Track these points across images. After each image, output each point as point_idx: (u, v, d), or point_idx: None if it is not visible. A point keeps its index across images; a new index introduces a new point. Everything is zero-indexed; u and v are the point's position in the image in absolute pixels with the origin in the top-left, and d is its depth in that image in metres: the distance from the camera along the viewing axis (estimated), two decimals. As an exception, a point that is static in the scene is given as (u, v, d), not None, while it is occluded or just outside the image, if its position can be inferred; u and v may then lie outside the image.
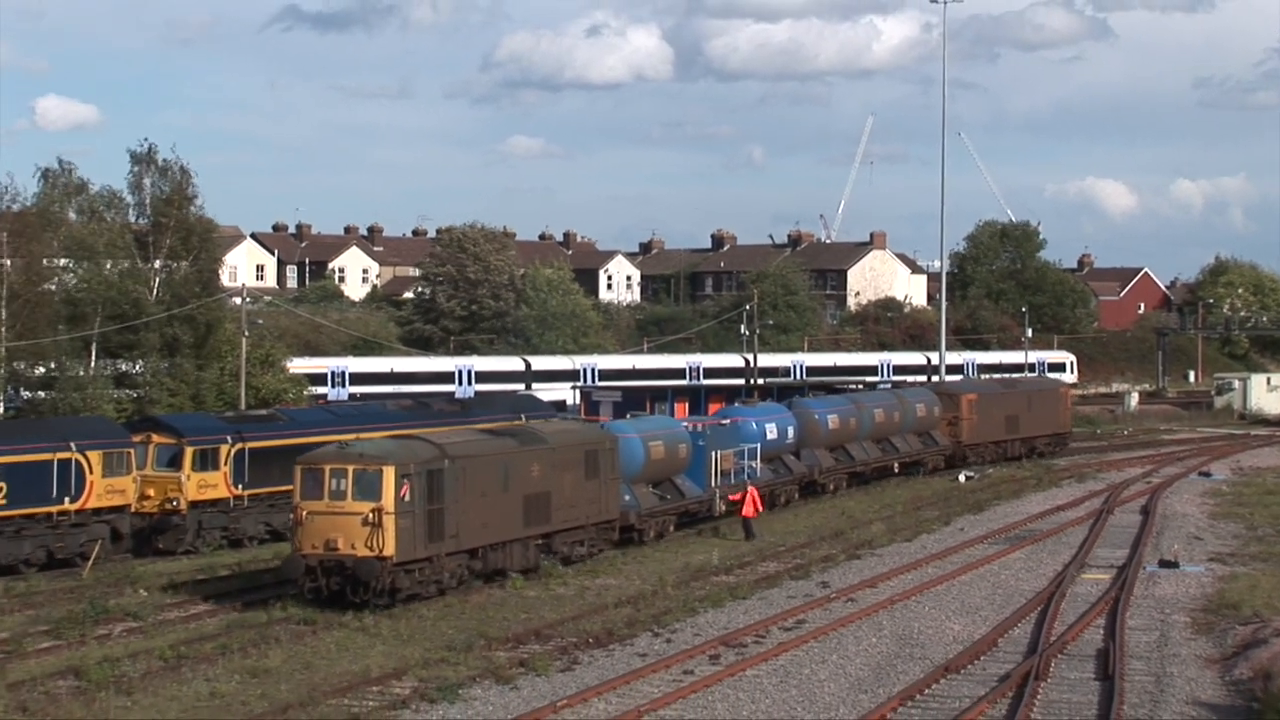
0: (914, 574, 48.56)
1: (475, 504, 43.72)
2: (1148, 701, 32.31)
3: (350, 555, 40.66)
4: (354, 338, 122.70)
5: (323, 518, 41.10)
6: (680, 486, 56.22)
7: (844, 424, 69.44)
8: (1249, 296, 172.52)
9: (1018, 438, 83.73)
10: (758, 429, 62.48)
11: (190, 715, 31.29)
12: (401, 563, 40.99)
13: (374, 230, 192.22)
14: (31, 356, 73.72)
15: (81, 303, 77.98)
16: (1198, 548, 54.12)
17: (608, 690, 33.07)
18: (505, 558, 45.60)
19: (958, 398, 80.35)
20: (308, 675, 34.79)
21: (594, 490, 49.59)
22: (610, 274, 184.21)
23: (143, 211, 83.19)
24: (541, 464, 47.06)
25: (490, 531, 44.63)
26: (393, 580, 40.90)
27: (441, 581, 42.89)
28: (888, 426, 73.75)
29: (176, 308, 79.14)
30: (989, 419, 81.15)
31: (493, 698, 32.75)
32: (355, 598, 40.68)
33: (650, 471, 54.31)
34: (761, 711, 31.61)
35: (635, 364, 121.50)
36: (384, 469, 41.01)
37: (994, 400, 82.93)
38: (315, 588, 41.10)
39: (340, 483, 41.24)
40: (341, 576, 40.88)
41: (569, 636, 38.65)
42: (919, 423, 76.81)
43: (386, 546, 40.52)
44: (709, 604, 43.20)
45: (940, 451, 78.39)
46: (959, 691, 33.20)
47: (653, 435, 54.91)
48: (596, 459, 49.80)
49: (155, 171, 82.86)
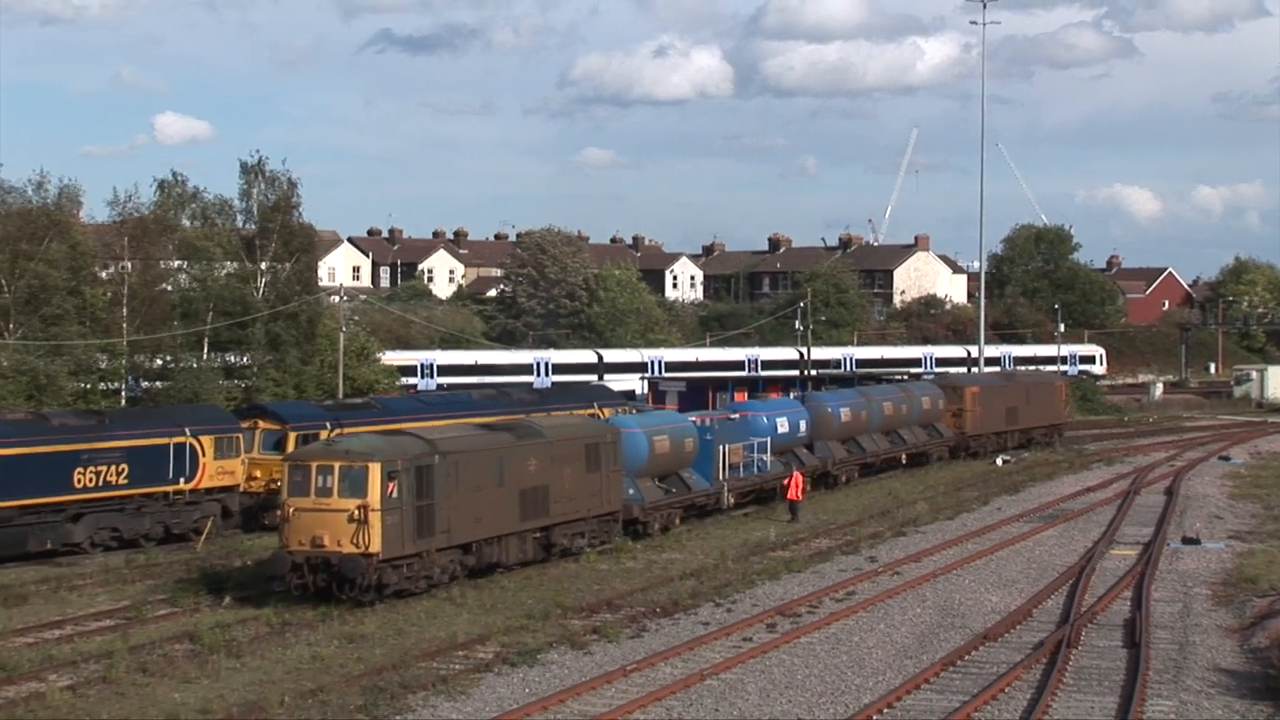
0: (955, 550, 48.46)
1: (468, 499, 40.57)
2: (1171, 668, 32.16)
3: (336, 552, 37.57)
4: (441, 333, 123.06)
5: (309, 514, 37.99)
6: (687, 480, 52.97)
7: (855, 417, 66.48)
8: (1266, 294, 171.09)
9: (1017, 428, 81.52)
10: (768, 423, 59.35)
11: (293, 676, 31.50)
12: (388, 559, 37.88)
13: (459, 234, 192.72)
14: (149, 350, 74.26)
15: (194, 301, 78.44)
16: (1218, 526, 53.83)
17: (673, 655, 33.14)
18: (500, 552, 42.51)
19: (961, 391, 77.57)
20: (400, 640, 34.98)
21: (595, 484, 46.41)
22: (675, 274, 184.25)
23: (250, 218, 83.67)
24: (539, 458, 43.86)
25: (484, 526, 41.48)
26: (379, 576, 37.73)
27: (431, 577, 39.71)
28: (896, 419, 70.73)
29: (280, 306, 79.55)
30: (991, 411, 78.75)
31: (568, 662, 32.84)
32: (341, 594, 37.64)
33: (655, 465, 51.09)
34: (814, 676, 31.61)
35: (698, 357, 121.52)
36: (369, 466, 37.87)
37: (995, 393, 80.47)
38: (302, 584, 37.94)
39: (327, 479, 38.08)
40: (328, 573, 37.78)
41: (638, 606, 38.73)
42: (925, 415, 73.96)
43: (372, 543, 37.45)
44: (766, 577, 43.21)
45: (945, 443, 75.61)
46: (996, 658, 33.13)
47: (657, 430, 51.83)
48: (598, 453, 46.57)
49: (264, 181, 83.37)
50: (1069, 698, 29.74)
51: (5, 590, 40.56)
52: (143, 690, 30.30)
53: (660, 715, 28.49)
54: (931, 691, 30.36)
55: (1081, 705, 29.20)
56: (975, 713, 28.54)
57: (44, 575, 43.67)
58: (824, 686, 30.76)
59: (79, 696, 29.71)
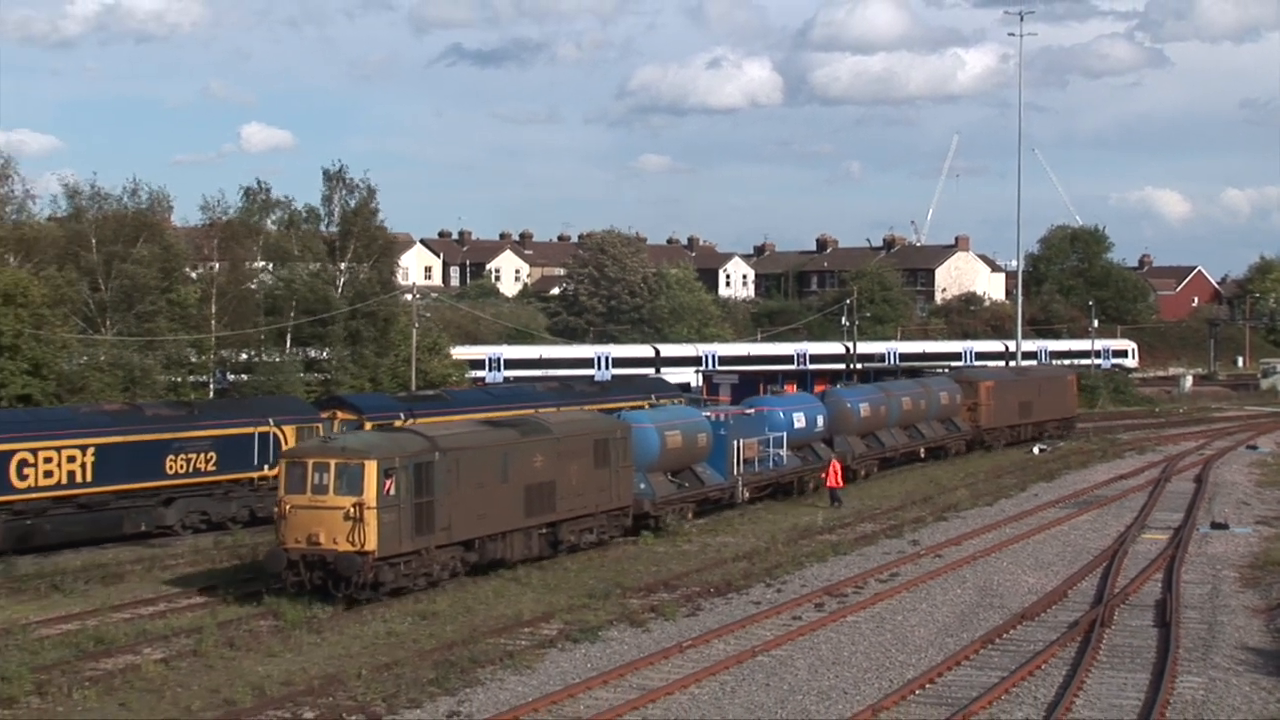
0: (994, 533, 48.22)
1: (470, 496, 38.02)
2: (1201, 646, 31.92)
3: (332, 550, 35.04)
4: (508, 329, 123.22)
5: (306, 512, 35.35)
6: (700, 474, 50.13)
7: (875, 412, 63.95)
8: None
9: (1030, 422, 79.42)
10: (784, 418, 56.23)
11: (370, 651, 31.64)
12: (384, 557, 35.35)
13: (525, 236, 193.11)
14: (236, 345, 74.79)
15: (278, 299, 78.92)
16: (1245, 512, 53.42)
17: (726, 633, 33.12)
18: (505, 548, 39.91)
19: (976, 385, 75.07)
20: (469, 618, 35.08)
21: (604, 479, 43.77)
22: (729, 273, 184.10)
23: (332, 221, 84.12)
24: (546, 454, 41.11)
25: (487, 523, 38.91)
26: (375, 574, 35.24)
27: (431, 574, 37.24)
28: (914, 414, 68.12)
29: (358, 304, 79.91)
30: (1005, 405, 76.57)
31: (627, 638, 32.85)
32: (337, 592, 35.20)
33: (667, 460, 48.41)
34: (860, 653, 31.52)
35: (750, 351, 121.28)
36: (366, 463, 35.17)
37: (1009, 387, 78.39)
38: (298, 582, 35.47)
39: (323, 477, 35.38)
40: (324, 571, 35.29)
41: (693, 586, 38.69)
42: (942, 410, 71.22)
43: (368, 541, 34.89)
44: (814, 559, 43.11)
45: (962, 436, 72.82)
46: (1033, 636, 32.97)
47: (669, 425, 49.02)
48: (607, 448, 43.92)
49: (344, 188, 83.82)
50: (1102, 674, 29.57)
51: (104, 569, 40.90)
52: (230, 663, 30.51)
53: (714, 689, 28.45)
54: (971, 668, 30.25)
55: (1114, 682, 29.01)
56: (1013, 688, 28.41)
57: (139, 555, 44.01)
58: (869, 663, 30.67)
59: (171, 668, 29.94)
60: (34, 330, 60.62)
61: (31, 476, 44.20)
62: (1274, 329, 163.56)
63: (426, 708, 27.10)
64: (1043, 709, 27.00)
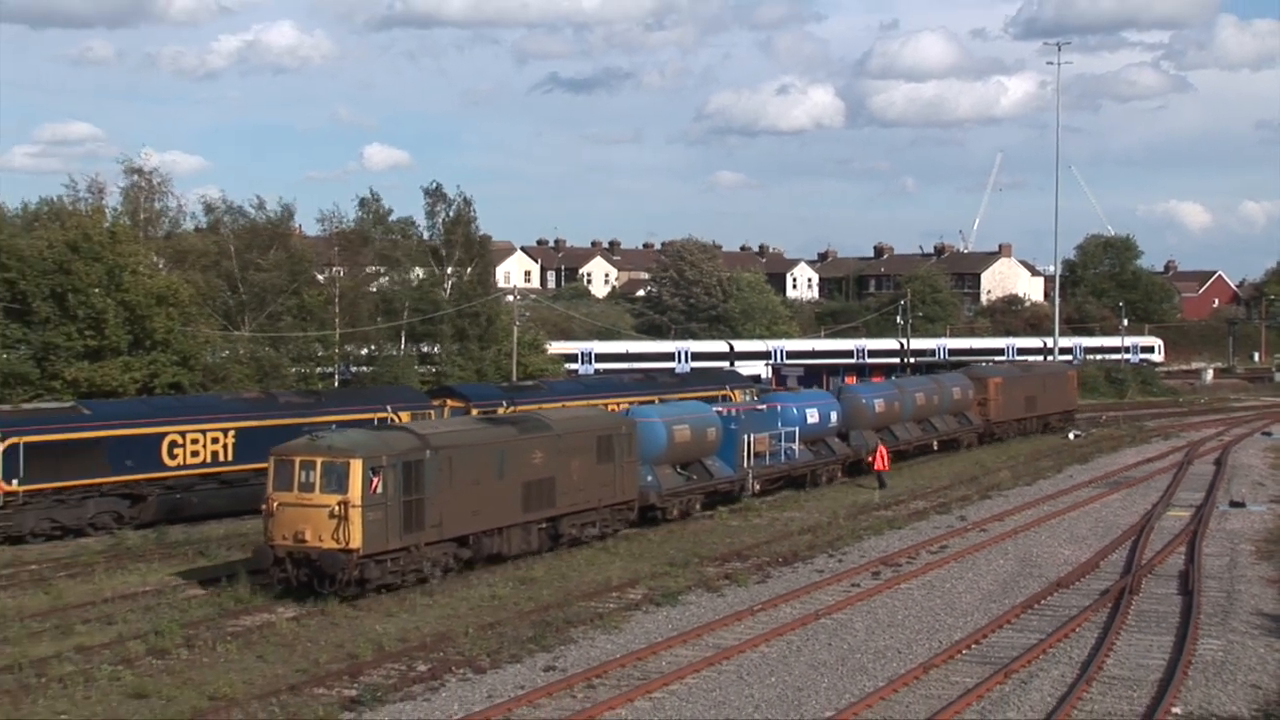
0: (1033, 510, 47.96)
1: (463, 493, 34.67)
2: (1220, 612, 31.68)
3: (317, 547, 31.89)
4: (598, 326, 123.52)
5: (292, 509, 32.21)
6: (710, 467, 46.93)
7: (889, 408, 60.15)
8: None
9: (1035, 415, 76.17)
10: (798, 414, 52.81)
11: (476, 612, 31.92)
12: (370, 554, 32.12)
13: (613, 244, 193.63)
14: (356, 341, 75.54)
15: (393, 300, 79.68)
16: (1261, 492, 52.84)
17: (792, 598, 33.19)
18: (502, 543, 36.53)
19: (986, 381, 71.31)
20: (563, 583, 35.23)
21: (608, 473, 40.30)
22: (795, 277, 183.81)
23: (436, 232, 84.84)
24: (545, 451, 37.62)
25: (482, 519, 35.60)
26: (360, 572, 32.07)
27: (421, 570, 33.82)
28: (927, 408, 64.27)
29: (464, 304, 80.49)
30: (1012, 399, 73.44)
31: (704, 602, 32.97)
32: (322, 589, 31.99)
33: (675, 454, 45.17)
34: (913, 616, 31.53)
35: (814, 346, 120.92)
36: (351, 462, 31.90)
37: (1016, 383, 74.90)
38: (284, 578, 32.40)
39: (309, 475, 32.19)
40: (309, 568, 32.15)
41: (763, 556, 38.76)
42: (955, 404, 67.43)
43: (353, 539, 31.70)
44: (871, 532, 43.05)
45: (974, 429, 68.97)
46: (1069, 603, 32.83)
47: (678, 420, 45.55)
48: (611, 444, 40.39)
49: (444, 202, 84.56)
50: (1131, 637, 29.43)
51: (243, 538, 41.38)
52: (353, 621, 30.89)
53: (781, 648, 28.56)
54: (1012, 630, 30.18)
55: (1141, 644, 28.87)
56: (1050, 648, 28.34)
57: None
58: (921, 625, 30.67)
59: (301, 626, 30.33)
60: (183, 328, 61.64)
61: (180, 456, 44.99)
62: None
63: (525, 662, 27.31)
64: (1077, 668, 26.90)
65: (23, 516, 42.13)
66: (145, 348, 60.27)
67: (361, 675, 26.41)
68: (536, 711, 24.07)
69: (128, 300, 59.62)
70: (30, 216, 67.22)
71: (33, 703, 24.71)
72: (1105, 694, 25.21)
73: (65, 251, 59.88)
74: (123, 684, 25.88)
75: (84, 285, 59.14)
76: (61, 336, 58.72)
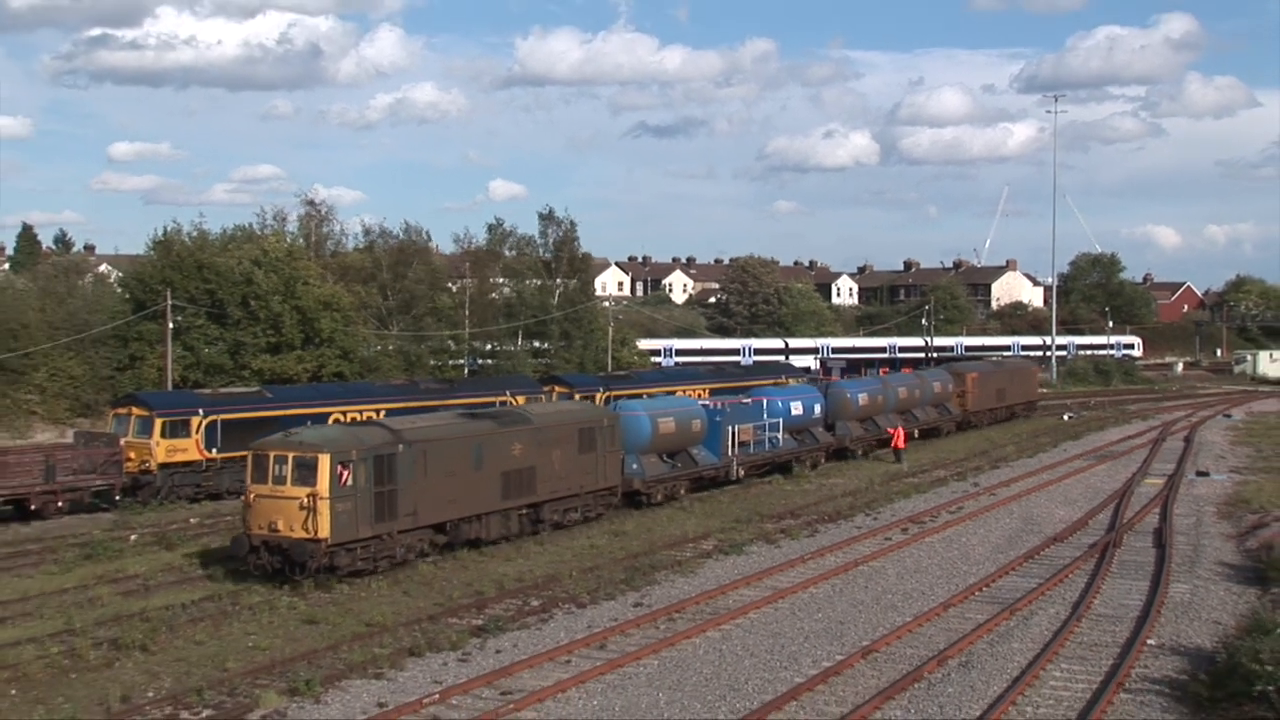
0: (1034, 478, 47.47)
1: (439, 483, 31.02)
2: (1187, 562, 31.28)
3: (288, 537, 28.52)
4: (677, 327, 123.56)
5: (267, 501, 28.81)
6: (695, 456, 42.67)
7: (873, 401, 55.89)
8: (1259, 300, 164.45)
9: (1004, 405, 72.19)
10: (783, 406, 48.61)
11: (578, 558, 32.14)
12: (339, 543, 28.61)
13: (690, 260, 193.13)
14: (482, 339, 76.13)
15: (513, 305, 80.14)
16: (1222, 463, 51.89)
17: (837, 549, 33.13)
18: (480, 529, 32.83)
19: (964, 375, 67.05)
20: (649, 535, 35.42)
21: (590, 463, 36.56)
22: (838, 287, 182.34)
23: (547, 249, 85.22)
24: (524, 442, 33.91)
25: (459, 507, 31.82)
26: (330, 559, 28.53)
27: (394, 556, 30.10)
28: (910, 401, 59.90)
29: (569, 309, 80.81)
30: (986, 392, 68.65)
31: (764, 552, 32.99)
32: (294, 575, 28.58)
33: (660, 444, 40.96)
34: (935, 564, 31.38)
35: (855, 344, 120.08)
36: (319, 457, 28.41)
37: (990, 377, 70.83)
38: (260, 565, 28.91)
39: (282, 469, 28.75)
40: (281, 556, 28.72)
41: (812, 515, 38.70)
42: (936, 397, 63.13)
43: (321, 529, 28.25)
44: (901, 496, 42.85)
45: (953, 419, 64.52)
46: (1063, 554, 32.54)
47: (663, 413, 41.36)
48: (593, 435, 36.65)
49: (554, 224, 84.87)
50: (1114, 582, 29.11)
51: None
52: (479, 565, 31.21)
53: (827, 590, 28.54)
54: (1017, 576, 29.96)
55: (1122, 587, 28.57)
56: (1048, 591, 28.13)
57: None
58: (941, 571, 30.54)
59: (438, 568, 30.58)
60: (344, 328, 62.46)
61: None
62: (1245, 329, 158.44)
63: (618, 599, 27.48)
64: (1069, 607, 26.68)
65: (220, 477, 43.08)
66: (314, 344, 61.15)
67: (486, 608, 26.65)
68: (627, 639, 24.25)
69: (300, 306, 60.52)
70: (226, 240, 68.38)
71: (229, 625, 25.32)
72: (1093, 628, 24.99)
73: (251, 267, 60.87)
74: (298, 612, 26.38)
75: (266, 294, 60.11)
76: (249, 335, 59.75)
